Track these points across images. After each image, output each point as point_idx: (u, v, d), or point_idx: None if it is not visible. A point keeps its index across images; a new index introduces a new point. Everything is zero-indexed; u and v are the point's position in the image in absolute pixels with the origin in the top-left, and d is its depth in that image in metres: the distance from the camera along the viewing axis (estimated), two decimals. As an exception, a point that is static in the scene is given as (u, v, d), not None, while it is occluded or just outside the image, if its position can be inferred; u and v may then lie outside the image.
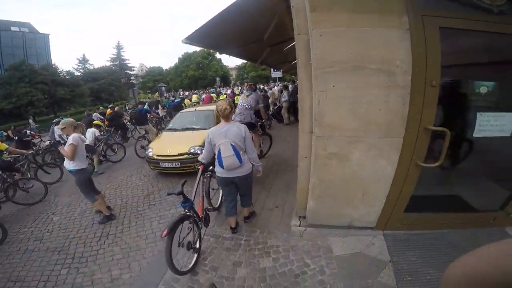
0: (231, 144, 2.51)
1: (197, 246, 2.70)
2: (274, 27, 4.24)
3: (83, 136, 3.85)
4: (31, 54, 36.05)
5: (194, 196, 2.74)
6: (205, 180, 3.24)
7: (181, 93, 33.86)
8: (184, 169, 5.25)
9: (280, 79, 17.93)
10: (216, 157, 2.62)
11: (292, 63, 11.46)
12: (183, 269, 2.53)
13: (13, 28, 35.68)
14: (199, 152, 4.71)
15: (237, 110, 5.14)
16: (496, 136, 2.27)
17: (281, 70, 13.74)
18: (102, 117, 11.42)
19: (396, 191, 2.45)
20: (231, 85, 53.77)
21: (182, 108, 10.00)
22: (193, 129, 6.02)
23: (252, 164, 2.79)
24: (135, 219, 4.08)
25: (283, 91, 10.11)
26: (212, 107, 6.77)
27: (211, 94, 15.86)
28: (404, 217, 2.59)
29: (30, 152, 6.60)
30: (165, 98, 23.90)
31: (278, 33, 4.97)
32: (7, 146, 6.06)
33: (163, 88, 42.46)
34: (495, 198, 2.67)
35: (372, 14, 2.05)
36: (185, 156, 5.12)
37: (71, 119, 3.87)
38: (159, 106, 13.55)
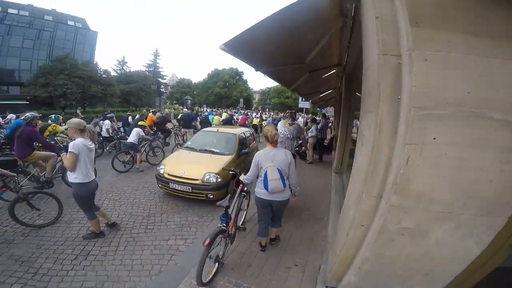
0: (277, 168, 2.65)
1: (222, 260, 2.85)
2: (321, 48, 3.71)
3: (90, 143, 3.11)
4: (79, 49, 38.27)
5: (231, 211, 2.86)
6: (239, 199, 3.23)
7: (205, 109, 33.95)
8: (194, 195, 4.62)
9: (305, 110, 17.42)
10: (261, 179, 2.73)
11: (323, 94, 10.94)
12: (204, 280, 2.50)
13: (69, 22, 38.61)
14: (214, 180, 4.47)
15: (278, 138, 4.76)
16: None
17: (310, 101, 13.24)
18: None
19: (470, 272, 1.86)
20: (253, 108, 53.95)
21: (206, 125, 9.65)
22: (212, 152, 5.47)
23: (290, 189, 2.89)
24: (126, 242, 3.44)
25: (308, 124, 9.45)
26: (236, 130, 6.32)
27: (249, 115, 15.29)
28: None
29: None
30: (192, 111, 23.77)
31: (322, 58, 4.48)
32: (62, 129, 6.51)
33: (189, 101, 42.75)
34: None
35: (500, 40, 1.41)
36: (199, 181, 4.54)
37: (77, 120, 3.15)
38: (197, 118, 12.89)
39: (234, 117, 15.26)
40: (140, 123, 7.33)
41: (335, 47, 4.09)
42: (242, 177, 3.03)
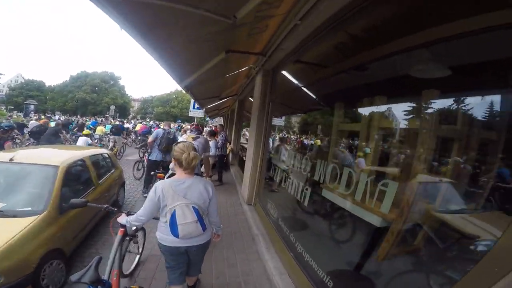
0: (193, 207, 1.90)
1: None
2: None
3: None
4: None
5: (110, 270, 1.93)
6: (122, 247, 2.22)
7: (59, 117, 25.68)
8: None
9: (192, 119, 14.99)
10: (166, 223, 1.91)
11: (222, 101, 9.24)
12: None
13: None
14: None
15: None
16: None
17: (204, 109, 11.12)
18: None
19: None
20: (130, 117, 46.91)
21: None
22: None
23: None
24: None
25: (205, 138, 7.31)
26: (56, 160, 2.93)
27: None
28: None
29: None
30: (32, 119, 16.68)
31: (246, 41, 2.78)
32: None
33: (32, 106, 34.22)
34: None
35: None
36: None
37: None
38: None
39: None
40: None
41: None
42: (122, 219, 2.10)
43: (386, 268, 1.91)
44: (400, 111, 2.28)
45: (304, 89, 3.60)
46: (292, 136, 7.47)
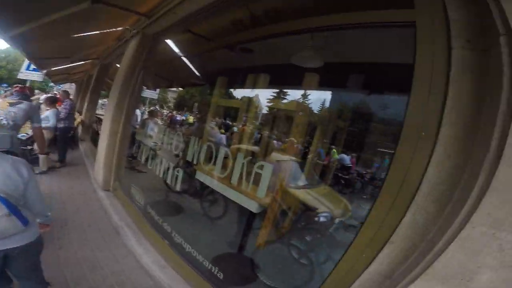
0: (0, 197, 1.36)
1: None
2: None
3: None
4: None
5: None
6: None
7: None
8: None
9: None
10: None
11: (75, 64, 6.70)
12: None
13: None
14: None
15: None
16: None
17: (45, 71, 7.54)
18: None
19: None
20: None
21: None
22: None
23: None
24: None
25: (42, 106, 5.14)
26: None
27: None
28: None
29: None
30: None
31: None
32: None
33: None
34: None
35: None
36: None
37: None
38: None
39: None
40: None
41: None
42: None
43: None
44: (278, 94, 2.42)
45: (187, 62, 3.21)
46: (165, 111, 6.76)
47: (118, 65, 5.18)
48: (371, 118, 2.86)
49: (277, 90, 2.64)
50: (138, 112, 5.10)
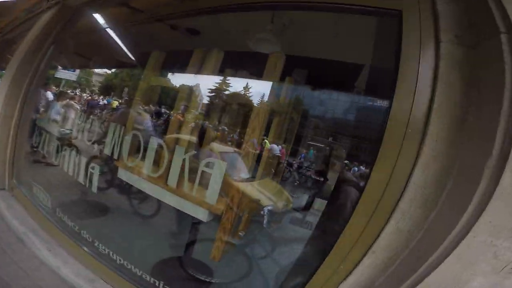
0: None
1: None
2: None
3: None
4: None
5: None
6: None
7: None
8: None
9: None
10: None
11: None
12: None
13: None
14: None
15: None
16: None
17: None
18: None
19: None
20: None
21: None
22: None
23: None
24: None
25: None
26: None
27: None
28: None
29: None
30: None
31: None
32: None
33: None
34: None
35: None
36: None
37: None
38: None
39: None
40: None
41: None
42: None
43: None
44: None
45: (118, 40, 2.53)
46: (85, 95, 5.46)
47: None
48: (307, 113, 2.94)
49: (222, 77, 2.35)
50: (50, 95, 4.00)
